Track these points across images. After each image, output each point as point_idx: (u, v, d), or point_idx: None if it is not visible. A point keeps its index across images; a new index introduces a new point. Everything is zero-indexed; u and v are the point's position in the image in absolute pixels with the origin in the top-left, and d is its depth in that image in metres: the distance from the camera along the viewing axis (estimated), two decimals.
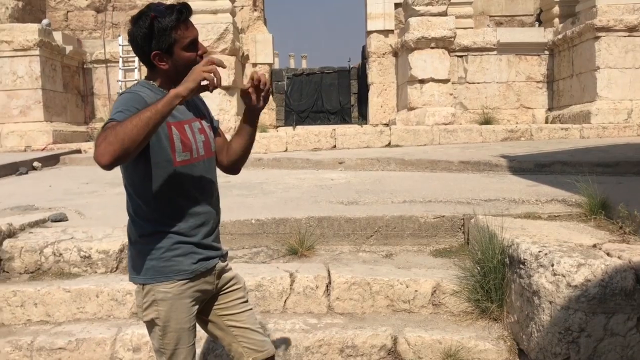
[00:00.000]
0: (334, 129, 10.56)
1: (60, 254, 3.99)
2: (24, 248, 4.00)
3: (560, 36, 12.09)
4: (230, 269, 2.32)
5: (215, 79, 1.89)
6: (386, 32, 13.32)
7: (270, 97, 13.77)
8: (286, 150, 10.03)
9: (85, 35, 14.17)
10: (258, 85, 2.17)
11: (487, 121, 11.70)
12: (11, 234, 4.17)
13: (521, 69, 12.73)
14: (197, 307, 2.18)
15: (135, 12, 2.16)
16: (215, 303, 2.28)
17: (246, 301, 2.33)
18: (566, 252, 2.96)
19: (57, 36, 12.09)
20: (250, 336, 2.29)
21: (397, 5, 13.21)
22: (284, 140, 10.19)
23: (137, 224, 2.11)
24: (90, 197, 6.07)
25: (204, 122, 2.22)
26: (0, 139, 10.96)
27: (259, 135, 10.46)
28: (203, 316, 2.28)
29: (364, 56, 14.65)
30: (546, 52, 12.72)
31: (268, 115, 13.79)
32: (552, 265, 2.84)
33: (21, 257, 3.99)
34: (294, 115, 20.60)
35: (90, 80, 13.40)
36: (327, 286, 3.66)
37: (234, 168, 2.33)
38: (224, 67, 1.95)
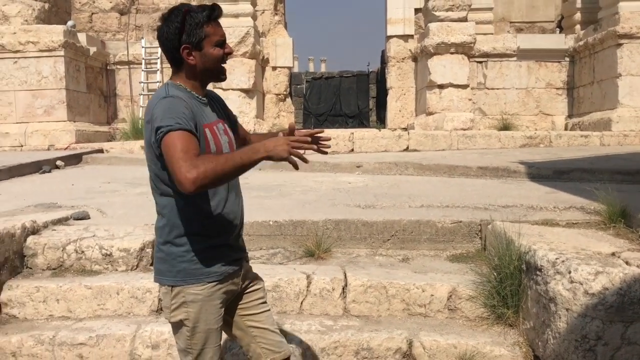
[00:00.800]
0: (352, 133, 10.58)
1: (82, 252, 4.07)
2: (47, 245, 4.08)
3: (581, 43, 12.00)
4: (251, 269, 2.36)
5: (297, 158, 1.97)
6: (406, 37, 13.33)
7: (289, 100, 13.91)
8: (304, 153, 10.05)
9: (109, 37, 14.36)
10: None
11: (506, 127, 11.65)
12: (35, 231, 4.25)
13: (541, 75, 12.65)
14: (224, 307, 2.21)
15: (158, 14, 2.23)
16: (239, 303, 2.31)
17: (265, 302, 2.37)
18: (584, 259, 2.96)
19: (82, 37, 12.28)
20: (269, 337, 2.32)
21: (417, 11, 13.21)
22: None
23: (169, 225, 2.11)
24: (112, 196, 6.17)
25: (226, 124, 2.26)
26: (24, 138, 11.15)
27: None
28: (227, 316, 2.30)
29: (383, 61, 14.68)
30: (567, 58, 12.62)
31: (287, 118, 13.85)
32: (569, 273, 2.84)
33: (44, 254, 4.07)
34: (312, 119, 20.70)
35: (113, 81, 13.58)
36: (343, 288, 3.69)
37: None
38: (305, 161, 2.02)
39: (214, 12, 2.07)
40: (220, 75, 2.17)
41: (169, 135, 1.89)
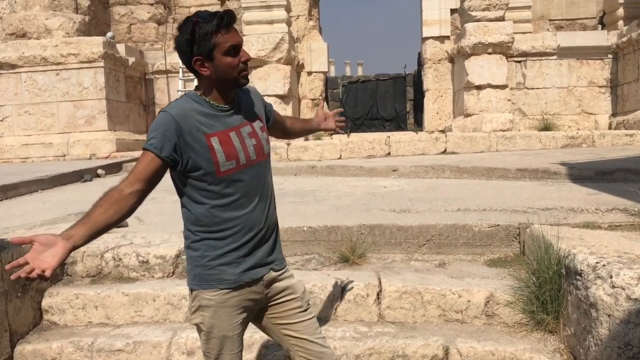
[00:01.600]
0: (389, 136, 10.51)
1: (120, 259, 4.14)
2: (86, 253, 4.17)
3: (624, 39, 11.65)
4: (284, 278, 2.27)
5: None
6: (442, 39, 13.19)
7: (325, 105, 13.92)
8: (340, 158, 10.06)
9: (147, 46, 14.65)
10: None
11: (546, 127, 11.39)
12: None
13: (582, 73, 12.34)
14: (244, 315, 2.18)
15: None
16: (268, 312, 2.26)
17: (304, 310, 2.28)
18: (626, 263, 2.85)
19: (121, 48, 12.56)
20: (307, 347, 2.25)
21: (453, 12, 13.06)
22: (338, 148, 10.22)
23: (188, 231, 2.15)
24: (149, 204, 6.23)
25: (255, 124, 2.19)
26: (67, 148, 11.45)
27: (313, 142, 10.57)
28: (257, 322, 2.29)
29: (420, 63, 14.54)
30: (609, 55, 12.28)
31: None
32: (611, 277, 2.74)
33: (83, 262, 4.15)
34: (348, 123, 20.65)
35: (151, 90, 13.85)
36: (377, 294, 3.65)
37: (286, 137, 2.76)
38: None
39: (223, 20, 2.01)
40: (237, 82, 2.10)
41: (143, 152, 2.05)
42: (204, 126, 2.04)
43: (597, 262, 2.90)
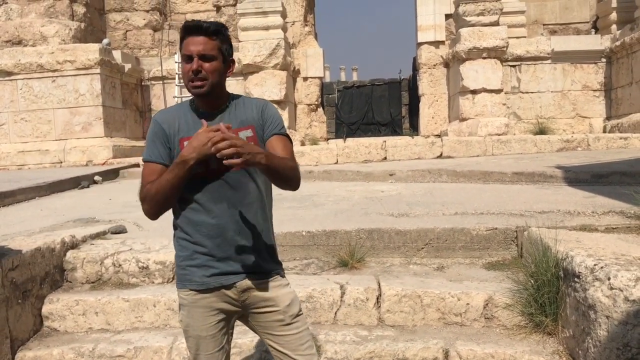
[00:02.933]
0: (385, 141, 10.55)
1: (120, 265, 4.15)
2: (86, 259, 4.18)
3: (618, 43, 11.74)
4: (269, 288, 2.20)
5: (227, 149, 1.86)
6: (437, 44, 13.26)
7: (321, 110, 13.96)
8: (336, 163, 10.09)
9: (143, 53, 14.67)
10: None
11: (541, 131, 11.45)
12: (74, 245, 4.36)
13: (577, 77, 12.42)
14: (220, 317, 2.20)
15: None
16: (250, 319, 2.27)
17: (287, 324, 2.21)
18: (623, 265, 2.88)
19: (117, 55, 12.58)
20: None
21: (447, 17, 13.14)
22: (334, 153, 10.25)
23: (173, 232, 2.27)
24: None
25: (241, 133, 2.12)
26: (64, 154, 11.45)
27: (309, 148, 10.61)
28: (247, 326, 2.35)
29: (415, 67, 14.62)
30: (603, 59, 12.37)
31: (319, 128, 13.90)
32: (609, 279, 2.77)
33: (83, 268, 4.16)
34: (344, 128, 20.69)
35: (148, 97, 13.86)
36: (377, 298, 3.67)
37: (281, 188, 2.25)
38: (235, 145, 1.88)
39: (186, 27, 2.14)
40: (190, 90, 2.15)
41: (144, 163, 2.23)
42: (182, 131, 2.16)
43: (595, 264, 2.93)
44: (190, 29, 2.11)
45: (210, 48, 2.10)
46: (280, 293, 2.23)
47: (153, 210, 2.13)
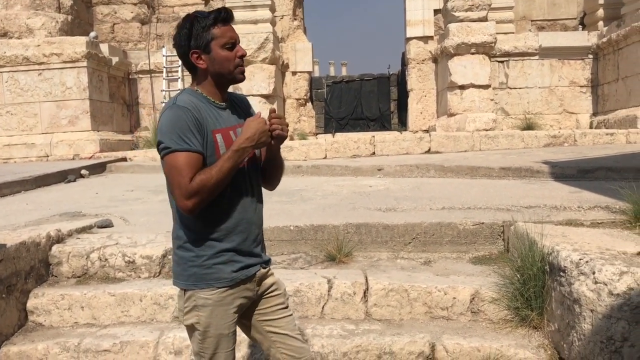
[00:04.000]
0: (373, 136, 10.56)
1: (106, 259, 4.12)
2: (72, 253, 4.14)
3: (604, 39, 11.82)
4: (271, 274, 2.33)
5: (282, 128, 2.10)
6: (425, 39, 13.27)
7: (310, 105, 13.94)
8: (325, 157, 10.08)
9: (131, 46, 14.56)
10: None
11: (529, 127, 11.51)
12: (60, 239, 4.32)
13: (564, 73, 12.50)
14: (237, 313, 2.21)
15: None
16: (256, 308, 2.29)
17: (286, 307, 2.34)
18: (608, 259, 2.91)
19: (104, 48, 12.47)
20: (289, 342, 2.29)
21: (436, 12, 13.14)
22: (323, 148, 10.25)
23: (182, 230, 2.15)
24: (135, 204, 6.24)
25: None
26: (50, 148, 11.35)
27: (298, 142, 10.59)
28: (244, 320, 2.31)
29: (404, 63, 14.62)
30: (590, 56, 12.45)
31: (308, 122, 13.88)
32: (594, 273, 2.79)
33: (69, 262, 4.13)
34: (333, 123, 20.67)
35: (135, 90, 13.77)
36: (364, 292, 3.67)
37: (267, 186, 2.37)
38: (285, 124, 2.12)
39: (220, 15, 2.07)
40: (235, 76, 2.14)
41: (170, 156, 2.02)
42: (211, 121, 2.08)
43: (580, 259, 2.95)
44: (227, 15, 2.09)
45: (238, 35, 2.17)
46: (277, 278, 2.36)
47: (204, 204, 2.01)
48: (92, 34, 12.70)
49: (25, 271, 3.83)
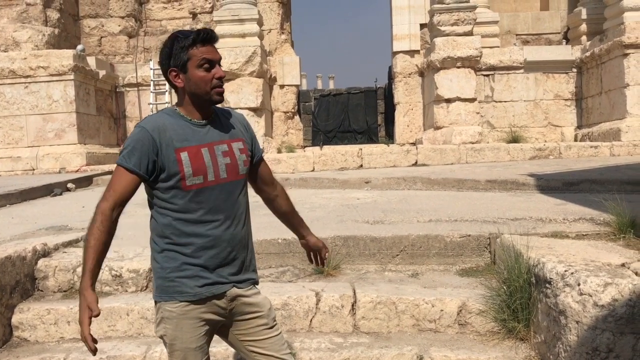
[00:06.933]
0: (361, 149, 10.61)
1: None
2: (58, 267, 4.12)
3: (588, 54, 12.00)
4: (251, 295, 2.25)
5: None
6: (412, 53, 13.40)
7: (298, 118, 13.99)
8: (313, 170, 10.10)
9: (118, 59, 14.54)
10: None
11: (514, 140, 11.63)
12: (46, 253, 4.29)
13: (549, 87, 12.66)
14: (207, 327, 2.17)
15: (166, 37, 2.28)
16: (234, 328, 2.25)
17: (270, 327, 2.26)
18: (593, 271, 2.94)
19: (91, 61, 12.45)
20: None
21: (422, 26, 13.29)
22: (311, 160, 10.27)
23: (153, 241, 2.18)
24: (122, 218, 6.17)
25: (234, 145, 2.20)
26: (36, 162, 11.27)
27: (286, 155, 10.61)
28: (223, 337, 2.29)
29: (390, 76, 14.73)
30: (574, 69, 12.63)
31: (295, 135, 13.91)
32: (579, 285, 2.83)
33: (55, 276, 4.10)
34: (321, 135, 20.76)
35: (122, 104, 13.73)
36: (352, 305, 3.68)
37: (261, 195, 2.52)
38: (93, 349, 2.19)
39: (199, 35, 2.10)
40: (211, 97, 2.14)
41: (116, 167, 2.14)
42: (176, 141, 2.09)
43: (565, 270, 2.99)
44: (207, 35, 2.12)
45: (219, 56, 2.19)
46: (261, 299, 2.28)
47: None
48: (79, 47, 12.68)
49: (10, 286, 3.79)
